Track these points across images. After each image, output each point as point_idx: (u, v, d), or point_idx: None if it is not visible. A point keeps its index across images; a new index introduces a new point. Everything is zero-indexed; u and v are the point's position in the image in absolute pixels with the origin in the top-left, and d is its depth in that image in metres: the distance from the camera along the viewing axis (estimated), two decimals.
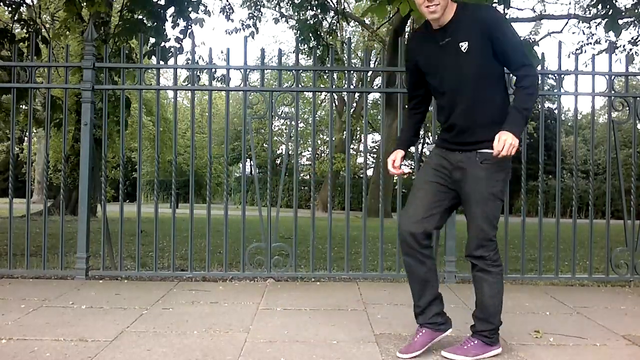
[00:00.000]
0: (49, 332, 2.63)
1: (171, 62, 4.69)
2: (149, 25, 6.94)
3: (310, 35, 12.19)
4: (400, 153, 2.52)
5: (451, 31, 2.28)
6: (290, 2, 13.15)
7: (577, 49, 14.73)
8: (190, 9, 7.31)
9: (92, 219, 4.98)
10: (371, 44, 22.71)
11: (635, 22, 11.40)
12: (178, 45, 7.39)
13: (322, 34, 12.84)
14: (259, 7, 13.35)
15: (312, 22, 12.35)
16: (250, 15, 12.77)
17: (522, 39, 4.66)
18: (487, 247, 2.40)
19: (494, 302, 2.42)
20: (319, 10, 12.31)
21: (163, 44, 7.03)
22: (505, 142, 2.16)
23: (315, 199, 4.20)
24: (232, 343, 2.51)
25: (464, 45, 2.25)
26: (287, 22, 15.15)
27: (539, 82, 2.23)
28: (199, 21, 7.70)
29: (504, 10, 6.90)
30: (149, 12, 6.82)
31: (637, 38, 12.33)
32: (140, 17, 7.08)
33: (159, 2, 7.07)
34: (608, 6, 5.72)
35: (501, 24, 2.28)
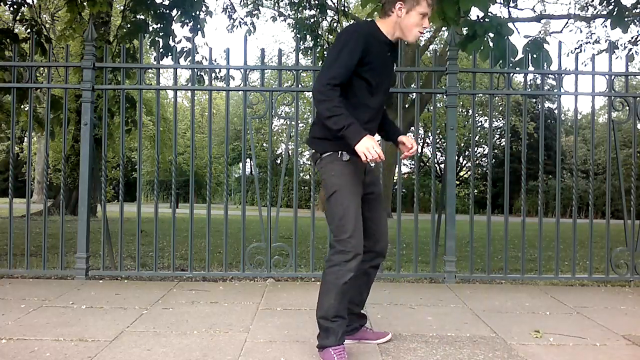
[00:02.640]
0: (49, 332, 2.63)
1: (170, 62, 4.69)
2: (153, 26, 6.96)
3: (307, 34, 12.20)
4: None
5: (394, 48, 2.50)
6: (289, 1, 13.16)
7: (576, 48, 14.73)
8: (192, 8, 7.31)
9: (92, 219, 4.99)
10: None
11: (635, 21, 11.39)
12: (190, 45, 7.40)
13: (321, 34, 12.85)
14: (258, 5, 13.37)
15: (310, 22, 12.37)
16: (249, 13, 12.80)
17: (531, 38, 4.63)
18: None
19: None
20: (317, 11, 12.33)
21: (174, 44, 7.04)
22: None
23: (315, 199, 4.20)
24: (232, 343, 2.51)
25: (393, 65, 2.56)
26: (285, 21, 15.14)
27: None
28: (200, 21, 7.71)
29: (508, 10, 6.89)
30: (154, 13, 6.83)
31: (637, 37, 12.33)
32: (143, 17, 7.09)
33: (163, 3, 7.08)
34: (613, 3, 5.70)
35: None
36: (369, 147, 2.19)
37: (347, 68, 2.30)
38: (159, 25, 6.95)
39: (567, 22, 16.44)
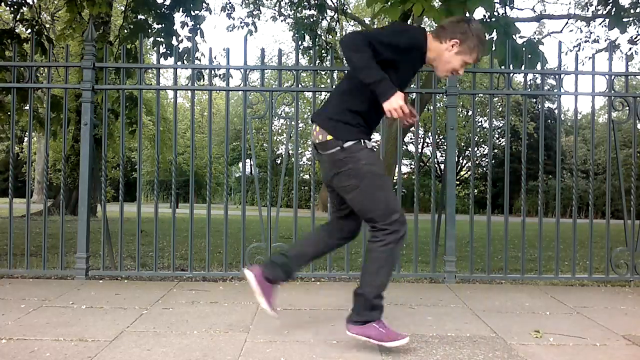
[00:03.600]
0: (49, 332, 2.63)
1: (171, 61, 4.69)
2: (154, 27, 6.97)
3: (305, 34, 12.20)
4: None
5: (423, 64, 2.52)
6: (289, 1, 13.17)
7: (574, 46, 14.74)
8: (193, 7, 7.32)
9: (92, 219, 4.99)
10: None
11: (635, 21, 11.40)
12: (190, 45, 7.41)
13: (320, 34, 12.85)
14: (258, 5, 13.38)
15: (309, 22, 12.38)
16: (249, 13, 12.80)
17: (526, 39, 4.65)
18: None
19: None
20: (316, 11, 12.34)
21: (177, 44, 7.05)
22: None
23: (315, 199, 4.20)
24: (232, 343, 2.51)
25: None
26: (285, 21, 15.15)
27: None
28: (200, 19, 7.72)
29: (505, 10, 6.89)
30: (156, 14, 6.84)
31: (636, 37, 12.32)
32: (144, 17, 7.10)
33: (164, 3, 7.08)
34: (611, 4, 5.71)
35: None
36: (396, 106, 2.22)
37: (385, 44, 2.27)
38: (160, 26, 6.96)
39: (567, 22, 16.45)
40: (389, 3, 4.26)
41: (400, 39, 2.30)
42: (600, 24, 13.66)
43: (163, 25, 6.93)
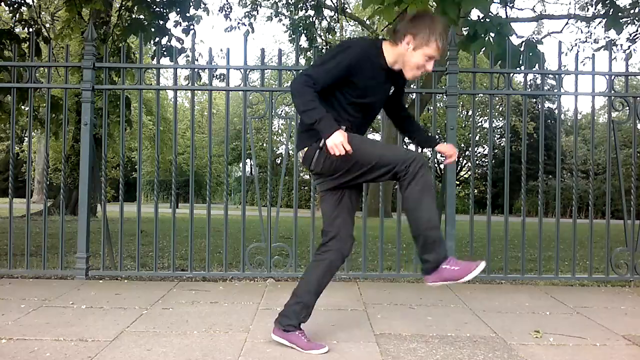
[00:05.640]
0: (49, 332, 2.63)
1: (164, 61, 4.69)
2: (150, 25, 6.95)
3: (301, 35, 12.18)
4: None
5: (395, 75, 2.46)
6: (286, 1, 13.17)
7: (573, 45, 14.73)
8: (191, 6, 7.32)
9: (92, 219, 4.99)
10: None
11: (635, 20, 11.40)
12: (179, 46, 7.41)
13: (320, 34, 12.86)
14: (256, 6, 13.38)
15: (305, 23, 12.37)
16: (247, 14, 12.79)
17: (524, 39, 4.66)
18: None
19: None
20: (313, 12, 12.33)
21: (168, 42, 7.04)
22: None
23: (315, 199, 4.20)
24: (232, 343, 2.51)
25: (389, 90, 2.54)
26: (281, 21, 15.13)
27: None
28: (196, 18, 7.72)
29: (505, 10, 6.89)
30: (153, 12, 6.83)
31: (635, 35, 12.33)
32: (140, 16, 7.09)
33: (161, 1, 7.08)
34: (609, 5, 5.72)
35: None
36: (337, 142, 2.21)
37: (328, 76, 2.31)
38: (155, 23, 6.94)
39: (567, 22, 16.45)
40: (384, 4, 4.25)
41: (336, 60, 2.31)
42: (598, 24, 13.67)
43: (156, 23, 6.91)
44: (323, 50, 13.25)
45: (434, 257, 2.30)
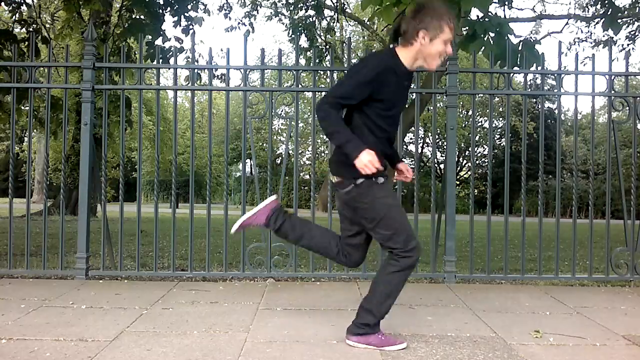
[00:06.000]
0: (49, 332, 2.63)
1: (171, 62, 4.69)
2: (149, 25, 6.94)
3: (301, 34, 12.17)
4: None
5: (410, 77, 2.56)
6: (285, 1, 13.16)
7: (572, 44, 14.72)
8: (189, 7, 7.31)
9: (92, 219, 4.99)
10: (371, 43, 22.70)
11: (634, 20, 11.42)
12: (179, 45, 7.39)
13: (319, 34, 12.85)
14: (256, 5, 13.38)
15: (305, 22, 12.37)
16: (247, 13, 12.79)
17: (522, 38, 4.66)
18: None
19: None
20: (313, 12, 12.32)
21: (162, 43, 7.02)
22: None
23: (315, 199, 4.20)
24: (232, 343, 2.51)
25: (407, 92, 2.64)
26: (281, 21, 15.13)
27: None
28: (198, 20, 7.71)
29: (503, 10, 6.88)
30: (149, 12, 6.82)
31: (634, 33, 12.34)
32: (139, 17, 7.08)
33: (157, 1, 7.07)
34: (607, 5, 5.73)
35: None
36: (366, 162, 2.30)
37: (357, 93, 2.38)
38: (152, 23, 6.93)
39: (567, 22, 16.45)
40: (383, 5, 4.25)
41: (362, 75, 2.37)
42: (597, 23, 13.68)
43: (152, 23, 6.90)
44: (323, 50, 13.26)
45: (370, 330, 2.47)
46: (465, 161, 30.81)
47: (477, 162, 30.21)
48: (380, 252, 4.26)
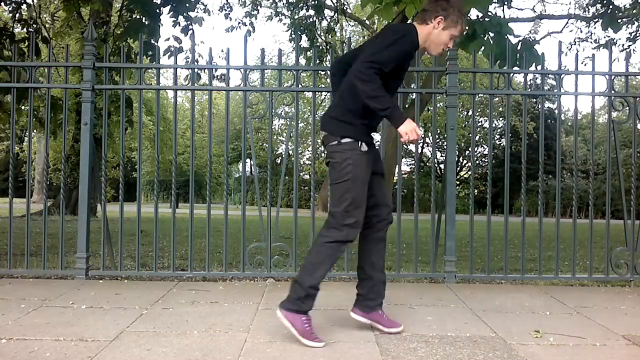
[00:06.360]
0: (49, 332, 2.63)
1: (171, 61, 4.69)
2: (148, 25, 6.93)
3: (302, 35, 12.17)
4: None
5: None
6: (286, 1, 13.17)
7: (571, 44, 14.73)
8: (188, 5, 7.30)
9: (92, 219, 4.99)
10: None
11: (634, 20, 11.40)
12: (178, 45, 7.38)
13: (320, 34, 12.85)
14: (256, 5, 13.38)
15: (306, 22, 12.37)
16: (247, 13, 12.79)
17: (521, 38, 4.67)
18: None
19: None
20: (313, 12, 12.32)
21: (156, 43, 7.01)
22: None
23: (315, 198, 4.20)
24: (232, 343, 2.51)
25: None
26: (281, 21, 15.13)
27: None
28: (198, 20, 7.70)
29: (502, 10, 6.88)
30: (147, 11, 6.81)
31: (635, 34, 12.33)
32: (139, 16, 7.08)
33: (154, 1, 7.06)
34: (607, 5, 5.73)
35: None
36: (410, 129, 2.39)
37: (391, 61, 2.44)
38: (150, 23, 6.92)
39: (567, 22, 16.46)
40: (382, 4, 4.25)
41: (398, 45, 2.44)
42: (596, 23, 13.68)
43: (150, 23, 6.89)
44: (323, 50, 13.25)
45: (299, 306, 2.51)
46: (465, 161, 30.83)
47: (477, 162, 30.24)
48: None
